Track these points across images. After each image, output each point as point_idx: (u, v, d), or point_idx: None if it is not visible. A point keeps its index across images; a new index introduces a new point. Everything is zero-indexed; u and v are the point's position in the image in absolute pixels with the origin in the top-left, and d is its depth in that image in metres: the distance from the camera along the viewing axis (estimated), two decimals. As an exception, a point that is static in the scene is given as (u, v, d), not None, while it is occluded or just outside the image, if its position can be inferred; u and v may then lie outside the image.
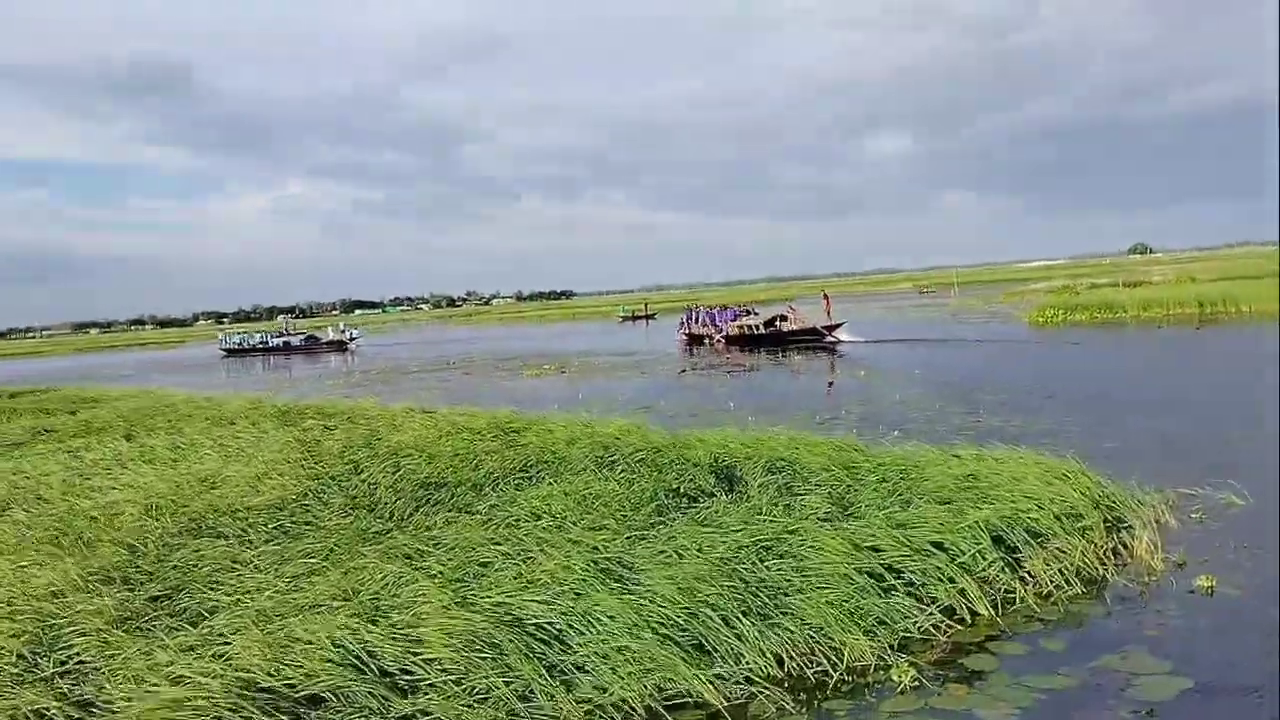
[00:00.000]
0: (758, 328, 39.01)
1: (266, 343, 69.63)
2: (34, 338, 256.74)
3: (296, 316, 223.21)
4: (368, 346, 67.41)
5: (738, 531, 7.41)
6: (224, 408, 20.48)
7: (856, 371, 24.41)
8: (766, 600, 6.25)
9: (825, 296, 40.54)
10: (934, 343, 32.73)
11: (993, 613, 6.49)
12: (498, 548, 7.57)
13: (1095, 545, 7.49)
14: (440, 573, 6.91)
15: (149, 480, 11.85)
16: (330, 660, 5.35)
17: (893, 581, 6.57)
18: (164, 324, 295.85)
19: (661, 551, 7.13)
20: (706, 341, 40.55)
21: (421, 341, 71.94)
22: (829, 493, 8.61)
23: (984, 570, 6.92)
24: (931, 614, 6.32)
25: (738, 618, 5.96)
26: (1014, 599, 6.73)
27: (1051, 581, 6.92)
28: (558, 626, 5.90)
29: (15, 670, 5.72)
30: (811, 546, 6.93)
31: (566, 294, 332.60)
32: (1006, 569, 6.96)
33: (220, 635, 5.93)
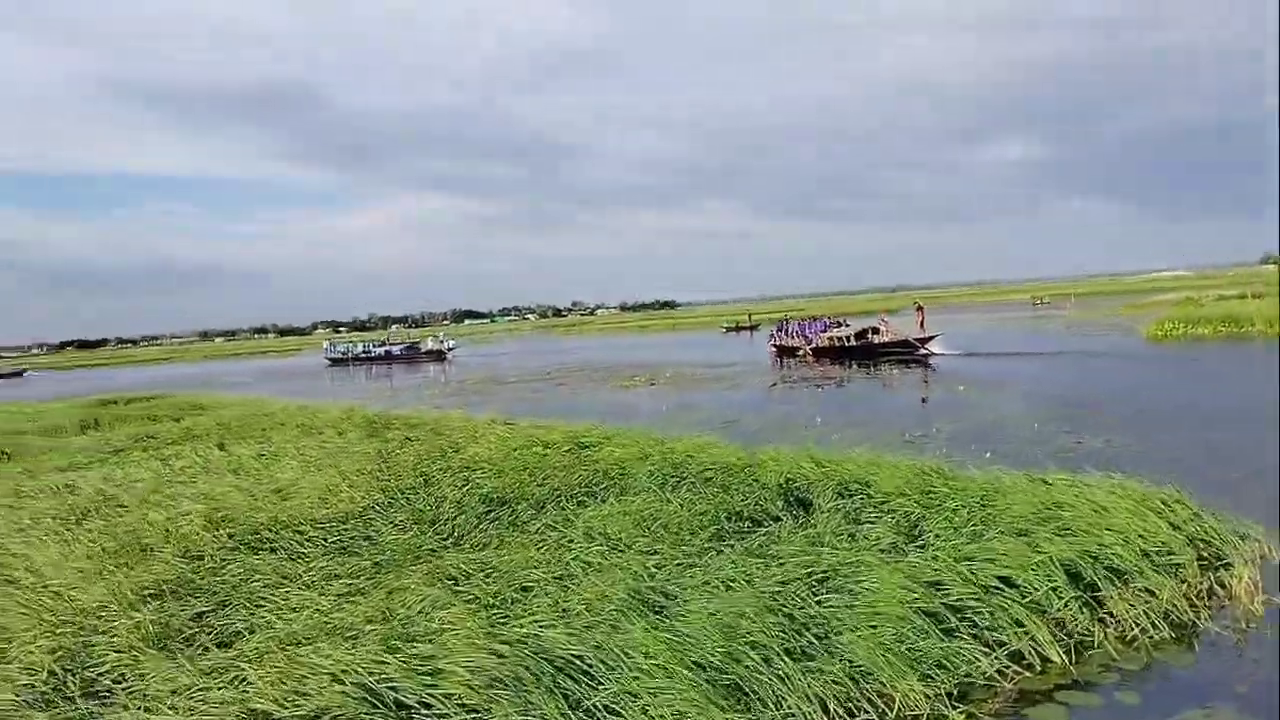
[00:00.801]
0: (848, 340, 38.12)
1: (369, 352, 71.32)
2: (165, 345, 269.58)
3: (410, 326, 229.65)
4: (470, 356, 68.47)
5: (790, 562, 7.02)
6: (317, 417, 20.90)
7: (955, 387, 23.45)
8: (814, 639, 5.84)
9: (918, 308, 39.43)
10: (1040, 357, 31.33)
11: (1065, 659, 5.93)
12: (542, 571, 7.36)
13: (1188, 585, 6.83)
14: (476, 598, 6.71)
15: (226, 490, 12.04)
16: (345, 693, 5.18)
17: (954, 622, 6.08)
18: (284, 332, 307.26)
19: (707, 581, 6.79)
20: (799, 354, 39.93)
21: (522, 352, 72.76)
22: (897, 521, 8.11)
23: (1058, 611, 6.36)
24: (996, 659, 5.82)
25: (781, 657, 5.57)
26: (1091, 643, 6.16)
27: (1135, 625, 6.32)
28: (588, 661, 5.62)
29: (45, 688, 5.73)
30: (868, 581, 6.50)
31: (669, 304, 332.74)
32: (1084, 609, 6.39)
33: (245, 659, 5.84)
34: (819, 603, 6.27)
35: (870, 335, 37.55)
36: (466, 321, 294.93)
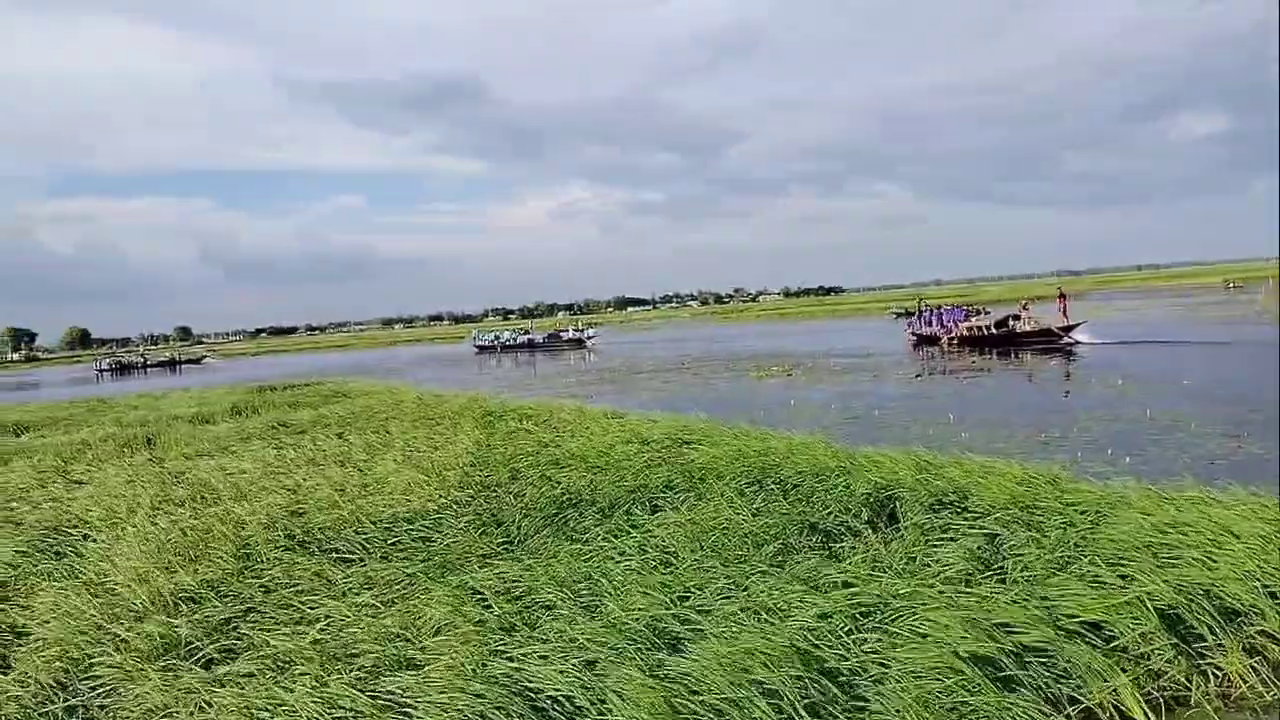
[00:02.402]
0: (988, 328, 36.56)
1: (514, 340, 72.96)
2: (350, 331, 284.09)
3: (574, 313, 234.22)
4: (616, 343, 68.89)
5: (838, 592, 6.20)
6: (441, 407, 21.05)
7: (1112, 380, 21.45)
8: (840, 691, 5.05)
9: (1061, 295, 37.37)
10: (1208, 347, 28.46)
11: (1152, 718, 4.93)
12: (570, 589, 6.82)
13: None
14: (482, 620, 6.22)
15: (317, 484, 12.07)
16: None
17: (1015, 670, 5.16)
18: (459, 319, 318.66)
19: (743, 609, 6.06)
20: (939, 343, 38.35)
21: (669, 339, 72.57)
22: (975, 545, 7.10)
23: (1150, 659, 5.32)
24: (1067, 718, 4.88)
25: (796, 712, 4.82)
26: (1188, 699, 5.11)
27: (1244, 680, 5.22)
28: (576, 703, 5.03)
29: (33, 703, 5.61)
30: (922, 618, 5.62)
31: (835, 290, 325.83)
32: (1180, 658, 5.32)
33: (219, 683, 5.56)
34: (855, 642, 5.47)
35: (1011, 323, 36.05)
36: (629, 309, 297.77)
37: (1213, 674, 5.28)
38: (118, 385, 60.62)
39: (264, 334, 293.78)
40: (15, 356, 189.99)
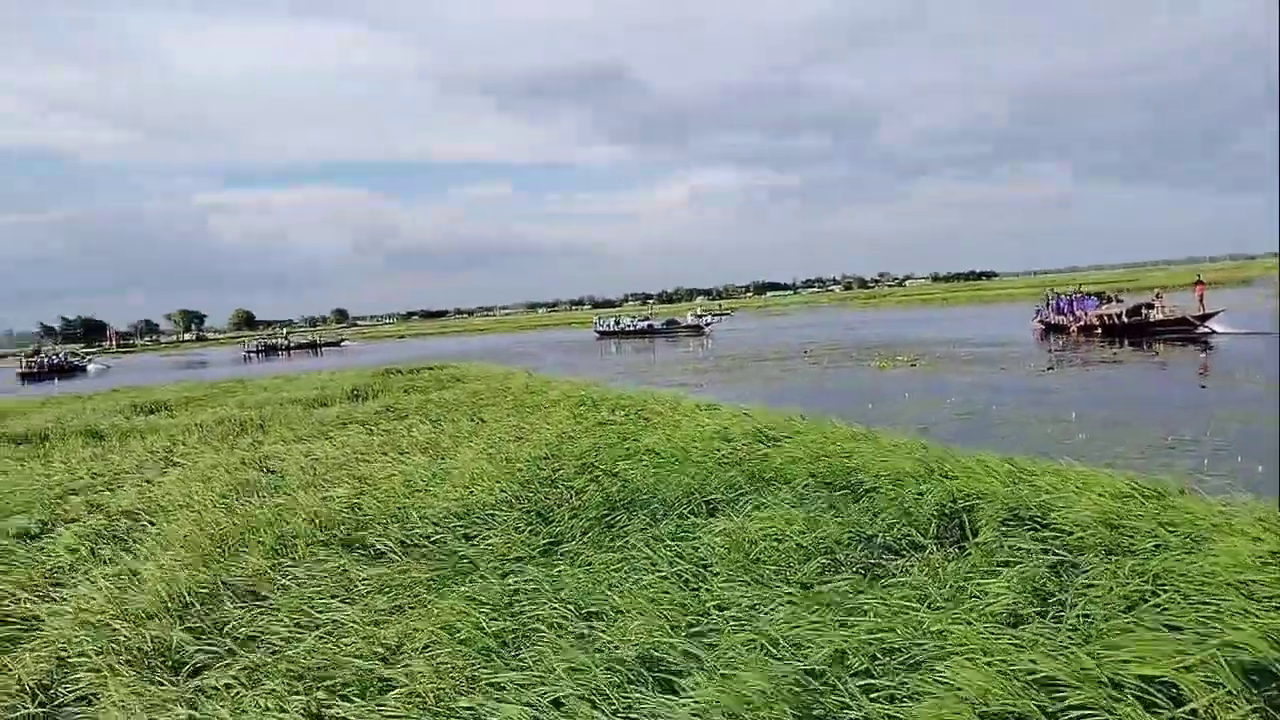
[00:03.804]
0: (1120, 317, 34.33)
1: (634, 326, 73.02)
2: (496, 315, 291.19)
3: (712, 298, 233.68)
4: (747, 330, 67.94)
5: (862, 625, 5.44)
6: (543, 394, 20.88)
7: (1254, 375, 19.38)
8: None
9: (1199, 282, 34.59)
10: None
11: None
12: (576, 605, 6.28)
13: None
14: (466, 641, 5.74)
15: (390, 474, 11.94)
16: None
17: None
18: (599, 305, 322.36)
19: (750, 640, 5.39)
20: (1068, 331, 36.38)
21: (798, 325, 71.03)
22: (1036, 572, 6.16)
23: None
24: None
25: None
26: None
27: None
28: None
29: (3, 706, 5.46)
30: (947, 665, 4.83)
31: (987, 275, 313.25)
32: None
33: (188, 695, 5.28)
34: (865, 691, 4.73)
35: (1144, 312, 33.89)
36: (769, 294, 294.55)
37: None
38: (262, 366, 63.71)
39: (415, 317, 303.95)
40: (188, 337, 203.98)
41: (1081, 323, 36.18)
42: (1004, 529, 7.35)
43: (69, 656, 6.00)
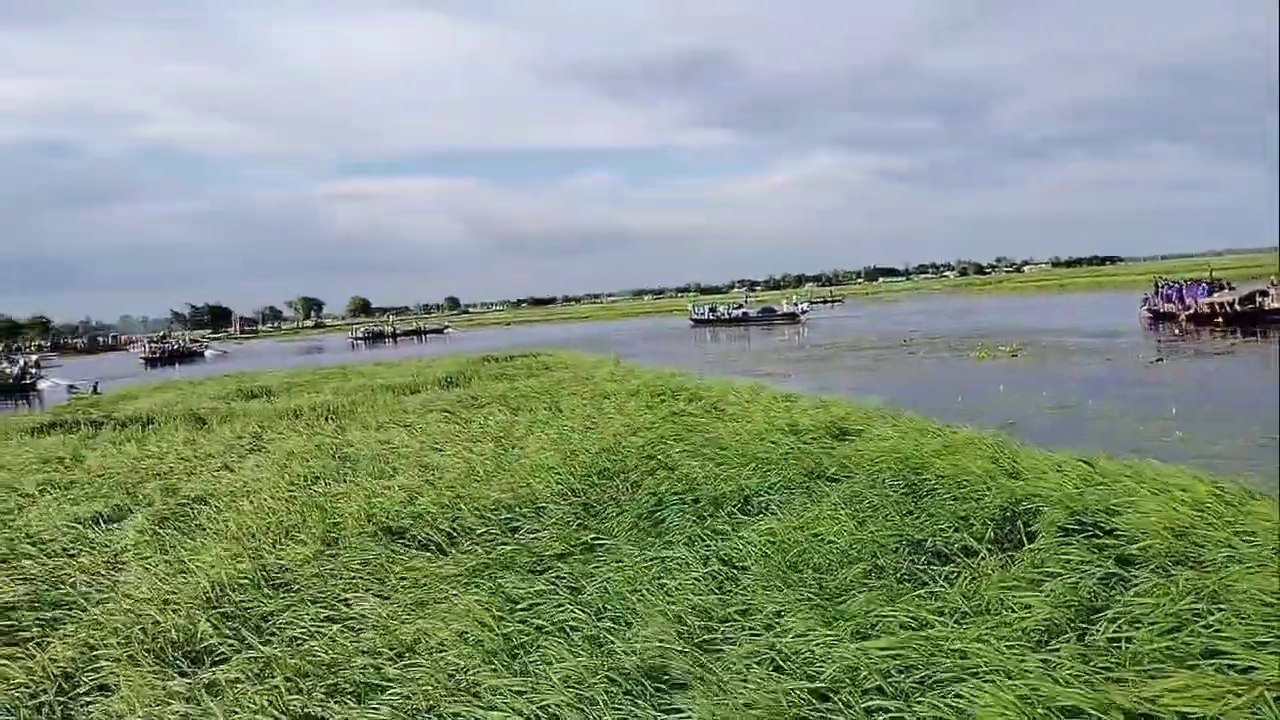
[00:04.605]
0: (1233, 305, 32.50)
1: (728, 314, 72.22)
2: (603, 302, 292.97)
3: (822, 284, 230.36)
4: (847, 318, 66.81)
5: (883, 640, 5.11)
6: (625, 383, 20.72)
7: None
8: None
9: None
10: None
11: None
12: (596, 606, 6.11)
13: None
14: (479, 642, 5.62)
15: (454, 462, 11.97)
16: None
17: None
18: (704, 291, 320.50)
19: (751, 654, 5.12)
20: (1179, 319, 34.57)
21: (903, 313, 69.34)
22: (1081, 585, 5.69)
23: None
24: None
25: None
26: None
27: None
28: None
29: (26, 693, 5.58)
30: (970, 684, 4.47)
31: (1110, 259, 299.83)
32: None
33: (195, 690, 5.31)
34: (870, 714, 4.42)
35: (1259, 300, 32.12)
36: (880, 280, 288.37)
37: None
38: (370, 353, 65.55)
39: (524, 304, 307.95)
40: (308, 323, 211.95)
41: (1191, 311, 34.52)
42: (1062, 535, 6.88)
43: (96, 645, 6.11)
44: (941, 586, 5.91)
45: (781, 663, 4.99)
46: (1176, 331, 32.60)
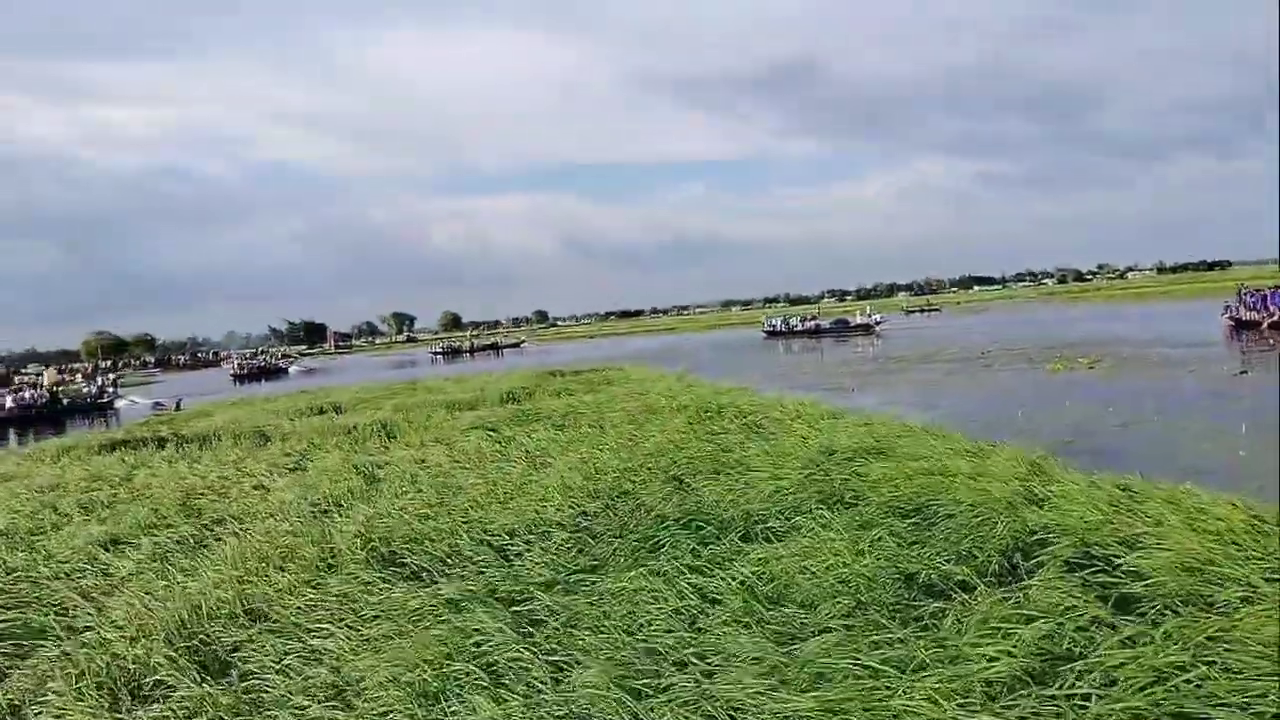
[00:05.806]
0: None
1: (800, 326, 71.11)
2: (690, 314, 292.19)
3: (914, 293, 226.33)
4: (929, 329, 65.33)
5: (836, 689, 4.71)
6: (676, 398, 20.41)
7: None
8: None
9: None
10: None
11: None
12: (542, 646, 5.84)
13: None
14: (412, 683, 5.40)
15: (476, 483, 11.84)
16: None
17: None
18: (794, 301, 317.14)
19: (699, 700, 4.77)
20: (1262, 327, 32.95)
21: (990, 322, 67.43)
22: (1059, 630, 5.17)
23: None
24: None
25: None
26: None
27: None
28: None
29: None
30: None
31: (1221, 264, 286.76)
32: None
33: None
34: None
35: None
36: (975, 288, 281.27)
37: None
38: (449, 368, 66.42)
39: (612, 317, 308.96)
40: (400, 338, 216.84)
41: (1275, 318, 32.89)
42: (1066, 570, 6.36)
43: (54, 677, 6.09)
44: (910, 630, 5.48)
45: (712, 715, 4.65)
46: (1260, 340, 30.87)
